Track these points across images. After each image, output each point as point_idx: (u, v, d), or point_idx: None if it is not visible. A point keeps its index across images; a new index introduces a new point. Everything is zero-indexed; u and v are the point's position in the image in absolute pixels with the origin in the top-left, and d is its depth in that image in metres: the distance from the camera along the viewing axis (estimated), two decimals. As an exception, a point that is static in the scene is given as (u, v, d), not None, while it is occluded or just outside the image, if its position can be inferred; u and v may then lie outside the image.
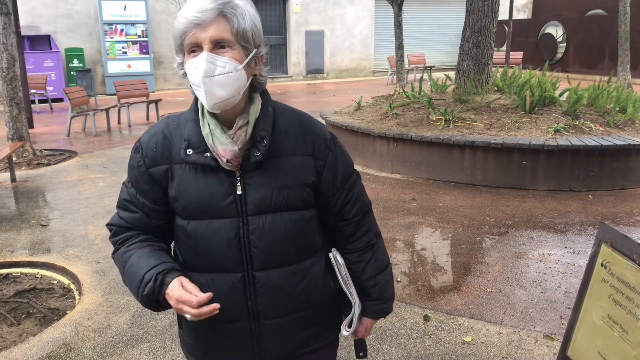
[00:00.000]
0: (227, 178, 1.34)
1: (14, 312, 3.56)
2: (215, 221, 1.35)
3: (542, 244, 4.49)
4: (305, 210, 1.41)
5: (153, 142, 1.39)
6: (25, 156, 7.68)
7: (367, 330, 1.62)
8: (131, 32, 15.68)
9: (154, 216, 1.42)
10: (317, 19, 19.21)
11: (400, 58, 14.06)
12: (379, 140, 6.98)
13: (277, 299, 1.41)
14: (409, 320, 3.33)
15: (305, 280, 1.44)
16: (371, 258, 1.54)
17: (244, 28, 1.27)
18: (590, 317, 1.63)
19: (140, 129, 10.35)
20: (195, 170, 1.35)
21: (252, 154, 1.33)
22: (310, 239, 1.45)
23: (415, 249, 4.47)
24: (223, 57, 1.26)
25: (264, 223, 1.35)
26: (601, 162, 5.89)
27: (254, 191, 1.34)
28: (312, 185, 1.41)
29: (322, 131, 1.45)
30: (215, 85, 1.25)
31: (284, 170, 1.37)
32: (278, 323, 1.43)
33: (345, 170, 1.47)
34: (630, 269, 1.50)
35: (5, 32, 7.42)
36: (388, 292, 1.59)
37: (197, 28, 1.24)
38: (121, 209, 1.46)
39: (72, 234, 4.86)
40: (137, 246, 1.41)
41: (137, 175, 1.40)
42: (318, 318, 1.52)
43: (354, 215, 1.50)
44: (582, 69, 18.08)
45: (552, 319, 3.30)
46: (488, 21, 7.66)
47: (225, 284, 1.38)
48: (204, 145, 1.33)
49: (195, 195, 1.34)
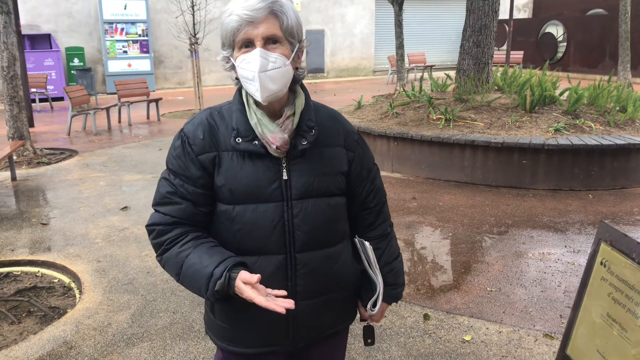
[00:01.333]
0: (273, 165, 1.42)
1: (14, 311, 3.57)
2: (261, 205, 1.42)
3: (542, 243, 4.49)
4: (340, 197, 1.53)
5: (200, 131, 1.44)
6: (26, 155, 7.69)
7: (381, 315, 1.71)
8: (131, 31, 15.69)
9: (202, 202, 1.44)
10: (318, 18, 19.21)
11: (401, 57, 14.06)
12: (379, 139, 6.98)
13: (315, 279, 1.49)
14: (409, 319, 3.33)
15: (338, 263, 1.54)
16: (387, 246, 1.67)
17: (291, 25, 1.38)
18: (590, 316, 1.64)
19: (140, 128, 10.36)
20: (242, 157, 1.42)
21: (299, 142, 1.43)
22: (342, 224, 1.57)
23: (416, 248, 4.47)
24: (274, 53, 1.35)
25: (306, 207, 1.45)
26: (601, 161, 5.90)
27: (299, 177, 1.44)
28: (345, 173, 1.53)
29: (351, 126, 1.60)
30: (267, 79, 1.35)
31: (324, 159, 1.48)
32: (312, 303, 1.51)
33: (369, 162, 1.62)
34: (629, 268, 1.50)
35: (5, 31, 7.42)
36: (401, 278, 1.72)
37: (249, 25, 1.33)
38: (163, 205, 1.45)
39: (72, 233, 4.86)
40: (191, 245, 1.42)
41: (186, 163, 1.42)
42: (344, 301, 1.61)
43: (375, 205, 1.63)
44: (582, 68, 18.08)
45: (552, 318, 3.31)
46: (488, 20, 7.67)
47: (268, 265, 1.44)
48: (252, 134, 1.41)
49: (243, 181, 1.41)
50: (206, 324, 1.62)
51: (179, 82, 17.31)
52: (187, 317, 3.38)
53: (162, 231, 1.44)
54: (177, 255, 1.42)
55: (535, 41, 19.85)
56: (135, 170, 7.11)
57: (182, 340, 3.11)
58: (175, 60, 17.15)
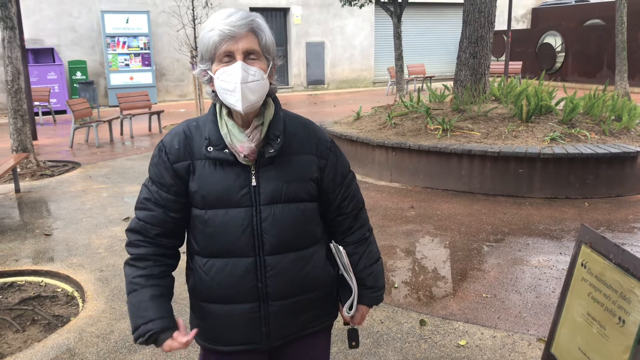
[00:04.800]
0: (242, 172, 1.52)
1: (19, 319, 3.64)
2: (231, 210, 1.51)
3: (538, 251, 4.56)
4: (309, 202, 1.60)
5: (176, 141, 1.55)
6: (29, 167, 7.78)
7: (362, 317, 1.77)
8: (133, 45, 15.86)
9: (174, 208, 1.56)
10: (318, 30, 19.39)
11: (400, 69, 14.20)
12: (377, 149, 7.07)
13: (285, 281, 1.56)
14: (405, 324, 3.40)
15: (309, 265, 1.60)
16: (365, 250, 1.74)
17: (268, 43, 1.50)
18: (572, 315, 1.71)
19: (142, 140, 10.47)
20: (214, 165, 1.52)
21: (267, 151, 1.52)
22: (313, 229, 1.62)
23: (413, 256, 4.54)
24: (253, 67, 1.46)
25: (274, 212, 1.53)
26: (597, 170, 5.97)
27: (267, 184, 1.52)
28: (316, 180, 1.60)
29: (323, 134, 1.67)
30: (248, 90, 1.45)
31: (293, 166, 1.56)
32: (284, 304, 1.58)
33: (343, 169, 1.68)
34: (607, 268, 1.58)
35: (10, 45, 7.55)
36: (380, 281, 1.77)
37: (231, 40, 1.43)
38: (140, 210, 1.59)
39: (75, 243, 4.94)
40: (143, 281, 1.55)
41: (162, 171, 1.55)
42: (319, 302, 1.67)
43: (351, 210, 1.70)
44: (580, 78, 18.20)
45: (546, 323, 3.37)
46: (484, 32, 7.78)
47: (239, 267, 1.53)
48: (222, 143, 1.51)
49: (215, 187, 1.51)
50: (190, 324, 1.72)
51: (181, 94, 17.46)
52: (187, 324, 3.45)
53: (133, 243, 1.59)
54: (130, 280, 1.57)
55: (534, 51, 20.00)
56: (137, 182, 7.19)
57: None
58: (176, 73, 17.31)
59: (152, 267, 1.57)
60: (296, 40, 19.03)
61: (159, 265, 1.58)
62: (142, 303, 1.53)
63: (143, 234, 1.57)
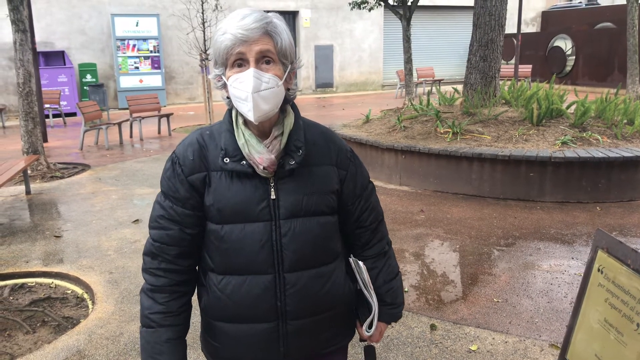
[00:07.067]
0: (261, 184, 1.43)
1: (29, 321, 3.65)
2: (249, 225, 1.42)
3: (549, 255, 4.52)
4: (330, 216, 1.51)
5: (190, 152, 1.45)
6: (40, 169, 7.83)
7: (380, 335, 1.69)
8: (143, 48, 15.94)
9: (190, 224, 1.46)
10: (327, 33, 19.41)
11: (409, 72, 14.16)
12: (387, 152, 7.05)
13: (305, 299, 1.48)
14: (415, 329, 3.37)
15: (329, 283, 1.52)
16: (384, 265, 1.66)
17: (284, 46, 1.39)
18: (588, 321, 1.68)
19: (152, 143, 10.50)
20: (231, 177, 1.43)
21: (287, 162, 1.42)
22: (334, 244, 1.54)
23: (423, 260, 4.51)
24: (267, 73, 1.36)
25: (295, 226, 1.44)
26: (609, 173, 5.91)
27: (287, 196, 1.43)
28: (336, 192, 1.52)
29: (343, 143, 1.58)
30: (260, 99, 1.35)
31: (313, 178, 1.47)
32: (303, 323, 1.50)
33: (363, 179, 1.60)
34: (624, 274, 1.55)
35: (22, 48, 7.61)
36: (399, 297, 1.69)
37: (243, 44, 1.34)
38: (154, 229, 1.49)
39: (85, 245, 4.95)
40: (160, 320, 1.48)
41: (176, 185, 1.45)
42: (338, 320, 1.59)
43: (370, 223, 1.62)
44: (591, 82, 18.07)
45: (558, 328, 3.33)
46: (495, 35, 7.75)
47: (257, 285, 1.45)
48: (240, 154, 1.41)
49: (231, 200, 1.42)
50: (202, 343, 1.64)
51: (190, 97, 17.53)
52: (197, 327, 3.43)
53: (151, 272, 1.50)
54: (146, 314, 1.49)
55: (544, 55, 19.90)
56: (147, 184, 7.21)
57: (192, 349, 3.16)
58: (186, 76, 17.38)
59: (169, 303, 1.48)
60: (305, 43, 19.06)
61: (176, 299, 1.50)
62: (157, 345, 1.47)
63: (161, 257, 1.48)
